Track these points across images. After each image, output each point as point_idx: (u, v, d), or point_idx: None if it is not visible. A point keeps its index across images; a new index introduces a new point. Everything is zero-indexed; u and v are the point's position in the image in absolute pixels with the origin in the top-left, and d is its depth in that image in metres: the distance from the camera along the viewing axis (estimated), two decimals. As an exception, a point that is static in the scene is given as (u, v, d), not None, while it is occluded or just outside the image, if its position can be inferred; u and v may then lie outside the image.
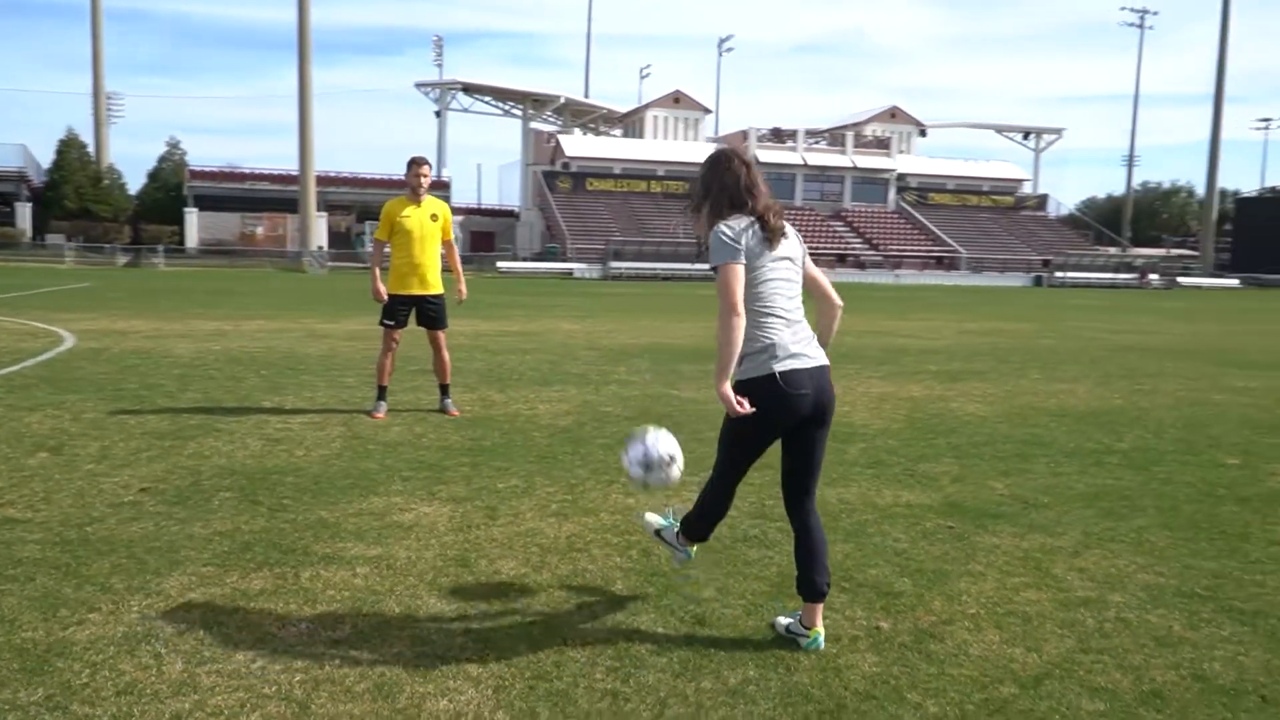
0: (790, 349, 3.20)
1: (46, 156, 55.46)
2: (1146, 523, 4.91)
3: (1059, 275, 54.65)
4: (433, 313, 7.43)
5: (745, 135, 61.19)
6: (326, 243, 50.45)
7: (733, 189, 3.28)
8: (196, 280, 33.14)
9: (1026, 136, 73.54)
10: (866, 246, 57.71)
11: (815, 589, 3.29)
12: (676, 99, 64.96)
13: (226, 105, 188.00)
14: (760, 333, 3.19)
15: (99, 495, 4.96)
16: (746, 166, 3.37)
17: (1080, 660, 3.25)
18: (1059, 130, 73.23)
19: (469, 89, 59.85)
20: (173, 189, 55.65)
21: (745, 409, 3.12)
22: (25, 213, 52.91)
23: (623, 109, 69.87)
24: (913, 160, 65.59)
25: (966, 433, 7.20)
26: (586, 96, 69.82)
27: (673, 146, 62.28)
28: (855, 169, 62.33)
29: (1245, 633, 3.51)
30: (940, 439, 6.95)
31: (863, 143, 63.49)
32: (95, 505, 4.78)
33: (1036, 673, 3.15)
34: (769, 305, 3.21)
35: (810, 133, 63.44)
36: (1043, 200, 69.02)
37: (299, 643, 3.26)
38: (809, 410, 3.22)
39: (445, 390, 7.60)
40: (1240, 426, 7.77)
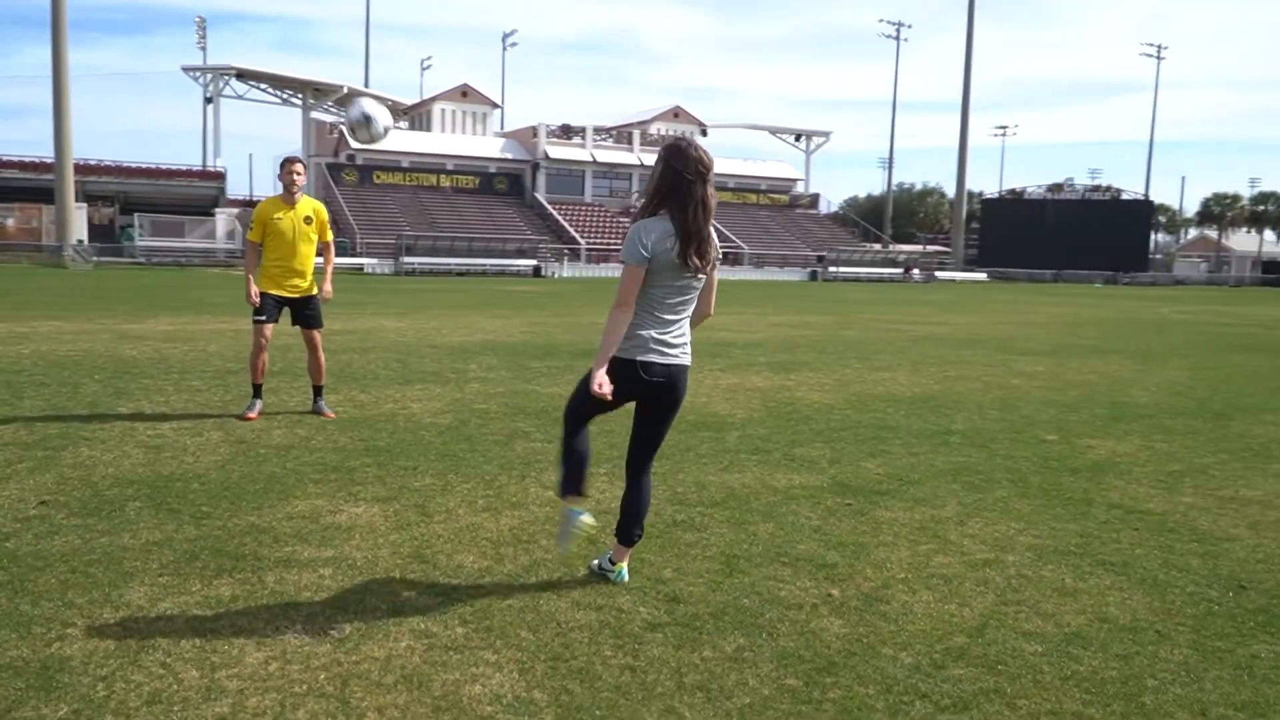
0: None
1: None
2: (1005, 493, 5.63)
3: (832, 270, 58.37)
4: (307, 313, 7.30)
5: (535, 131, 61.36)
6: (87, 235, 46.44)
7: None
8: (-61, 276, 29.73)
9: (798, 138, 77.69)
10: (656, 242, 59.29)
11: (630, 537, 3.93)
12: (464, 93, 64.25)
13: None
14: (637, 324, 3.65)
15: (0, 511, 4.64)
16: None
17: (1005, 611, 3.79)
18: (827, 133, 77.86)
19: (244, 75, 56.63)
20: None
21: (605, 390, 3.54)
22: None
23: (408, 101, 68.32)
24: (697, 159, 67.88)
25: (821, 420, 7.84)
26: (366, 86, 67.70)
27: (461, 140, 61.62)
28: (643, 166, 63.80)
29: (1122, 581, 4.19)
30: (802, 425, 7.54)
31: (649, 141, 65.12)
32: (-3, 522, 4.48)
33: (976, 624, 3.66)
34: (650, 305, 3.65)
35: (598, 130, 64.41)
36: (814, 199, 73.36)
37: (304, 643, 3.30)
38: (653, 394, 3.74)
39: (319, 392, 7.48)
40: (1044, 406, 8.86)
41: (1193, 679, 3.24)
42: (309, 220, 7.21)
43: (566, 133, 62.55)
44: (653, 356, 3.65)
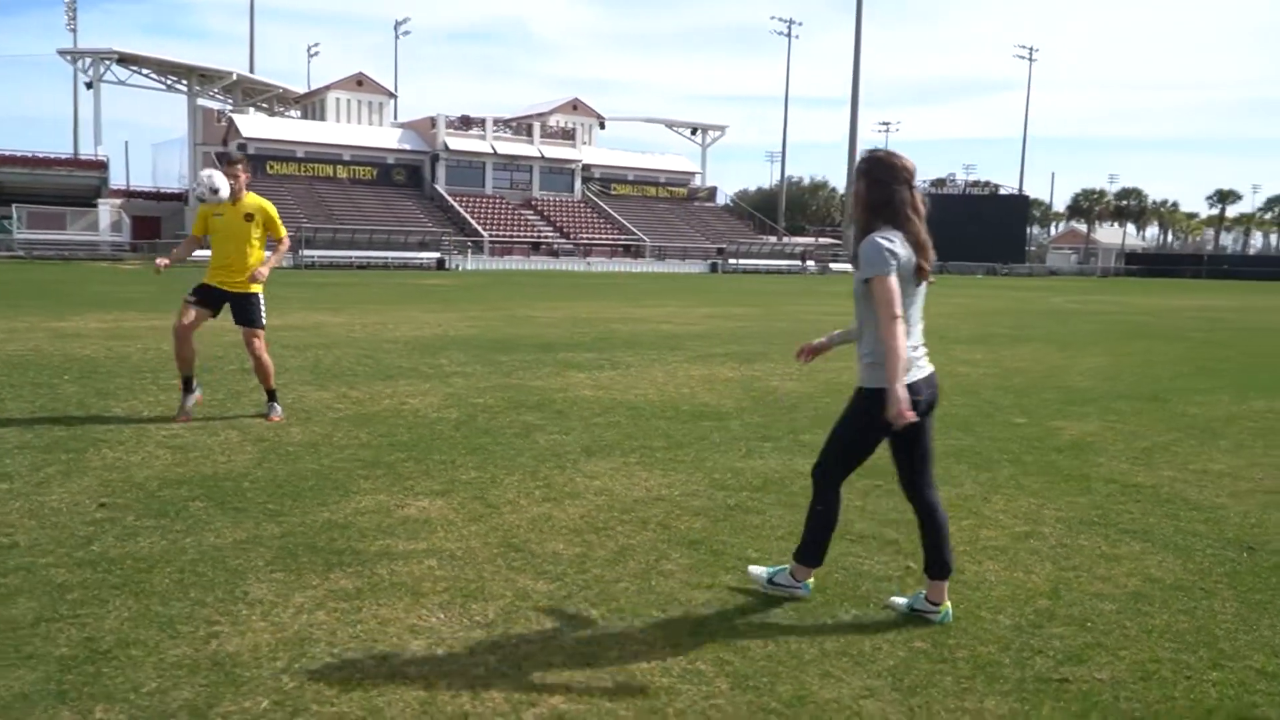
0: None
1: None
2: (1011, 472, 6.08)
3: (732, 262, 59.39)
4: (246, 307, 7.11)
5: (434, 122, 60.48)
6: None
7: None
8: None
9: (694, 132, 78.57)
10: (558, 235, 59.28)
11: (947, 568, 3.64)
12: (360, 81, 62.84)
13: None
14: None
15: (60, 514, 4.57)
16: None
17: (1067, 577, 4.18)
18: (723, 127, 79.00)
19: (126, 60, 54.05)
20: None
21: (911, 415, 3.33)
22: None
23: (299, 89, 66.42)
24: (596, 152, 68.14)
25: (808, 408, 8.20)
26: (251, 73, 65.49)
27: (358, 130, 60.27)
28: (543, 159, 63.68)
29: (1150, 547, 4.64)
30: (793, 413, 7.88)
31: (549, 133, 64.98)
32: (71, 525, 4.43)
33: (1048, 588, 4.03)
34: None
35: (497, 122, 63.87)
36: (712, 192, 74.43)
37: (455, 630, 3.43)
38: (923, 410, 3.57)
39: (272, 395, 7.21)
40: (1000, 392, 9.44)
41: (1250, 627, 3.67)
42: (249, 218, 7.07)
43: (466, 124, 61.82)
44: (914, 375, 3.53)
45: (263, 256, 7.16)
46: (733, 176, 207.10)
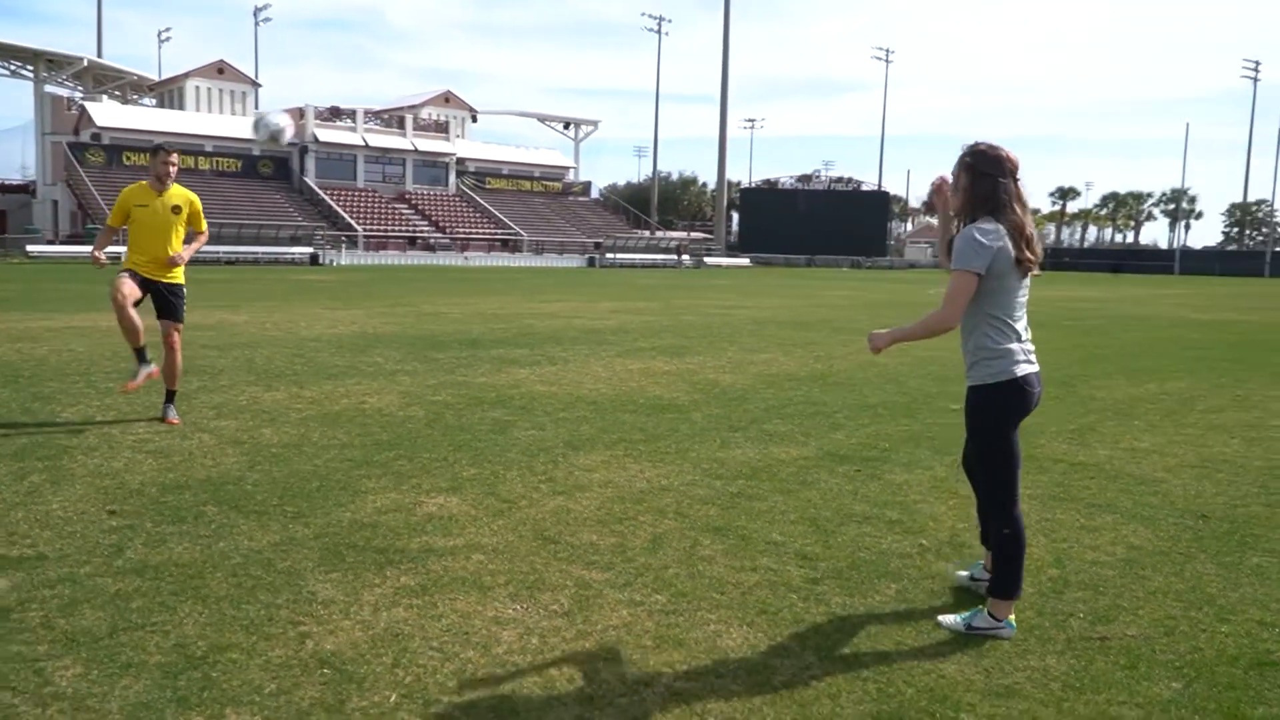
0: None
1: None
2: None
3: (610, 256, 59.72)
4: (171, 300, 6.87)
5: (302, 112, 58.50)
6: None
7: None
8: None
9: (567, 126, 78.59)
10: (433, 229, 58.36)
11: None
12: (220, 69, 60.29)
13: None
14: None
15: (72, 523, 4.43)
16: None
17: (1062, 548, 4.58)
18: (595, 122, 79.28)
19: (-40, 40, 50.23)
20: None
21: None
22: None
23: (153, 76, 63.18)
24: (470, 145, 67.39)
25: (756, 400, 8.51)
26: (100, 57, 61.97)
27: (220, 120, 57.80)
28: (416, 152, 62.53)
29: (1119, 518, 5.09)
30: (745, 405, 8.18)
31: (421, 126, 63.85)
32: (90, 534, 4.30)
33: (1052, 557, 4.41)
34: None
35: (368, 113, 62.32)
36: (586, 187, 74.63)
37: (538, 619, 3.54)
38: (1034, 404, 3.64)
39: (171, 397, 6.92)
40: (923, 381, 9.98)
41: (1234, 585, 4.13)
42: (177, 210, 6.85)
43: (335, 115, 60.10)
44: (1027, 369, 3.56)
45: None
46: (602, 171, 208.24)
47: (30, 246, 40.58)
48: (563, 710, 2.87)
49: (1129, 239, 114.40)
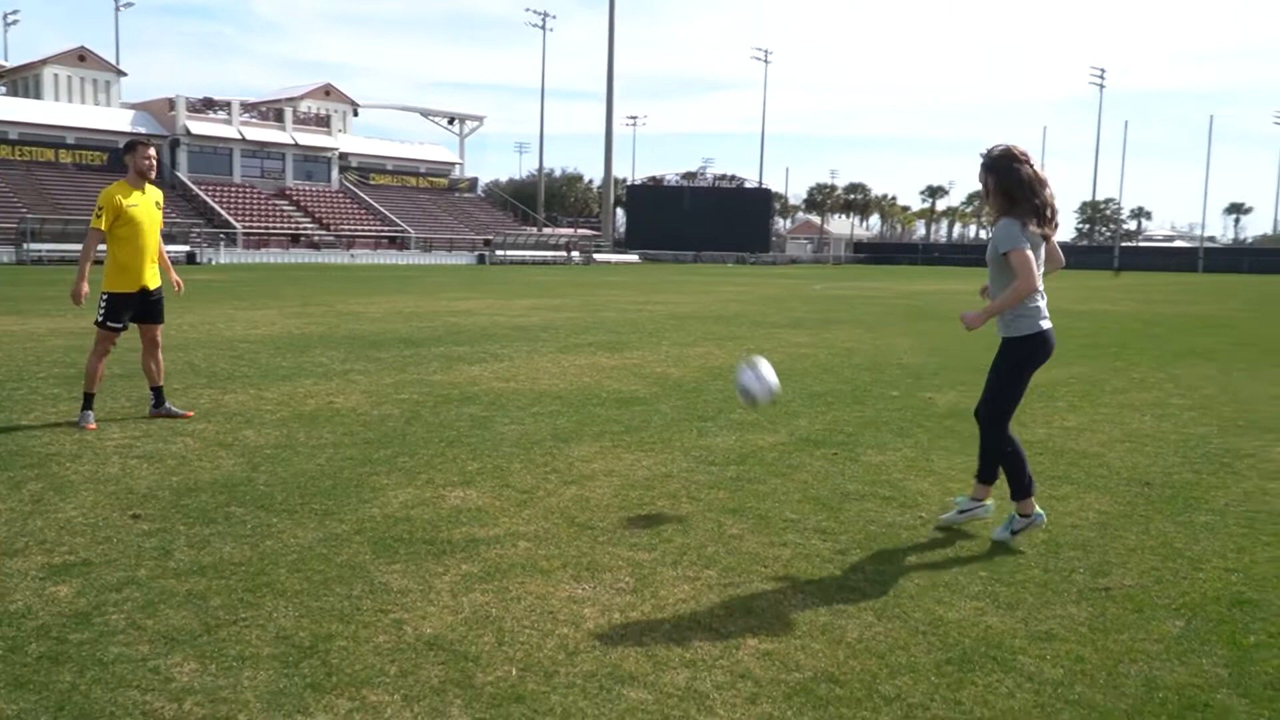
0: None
1: None
2: (927, 436, 7.00)
3: (500, 253, 59.41)
4: (157, 304, 6.98)
5: (172, 103, 56.22)
6: None
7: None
8: None
9: (451, 121, 77.72)
10: (317, 226, 56.92)
11: (1032, 485, 4.68)
12: (81, 56, 57.31)
13: None
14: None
15: (100, 528, 4.42)
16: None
17: (1062, 494, 5.06)
18: (481, 117, 78.69)
19: None
20: None
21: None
22: None
23: (4, 62, 59.53)
24: (352, 140, 65.95)
25: (710, 391, 8.86)
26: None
27: (82, 111, 55.01)
28: (296, 146, 60.84)
29: (1078, 489, 5.64)
30: (703, 396, 8.52)
31: (301, 119, 62.13)
32: (126, 539, 4.31)
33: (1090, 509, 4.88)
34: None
35: (245, 105, 60.29)
36: (473, 183, 74.02)
37: (611, 595, 3.78)
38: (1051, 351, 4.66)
39: (161, 393, 7.06)
40: (856, 370, 10.52)
41: (1194, 539, 4.67)
42: (159, 206, 6.92)
43: (209, 106, 57.92)
44: (1047, 324, 4.53)
45: None
46: (485, 167, 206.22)
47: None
48: (674, 674, 3.13)
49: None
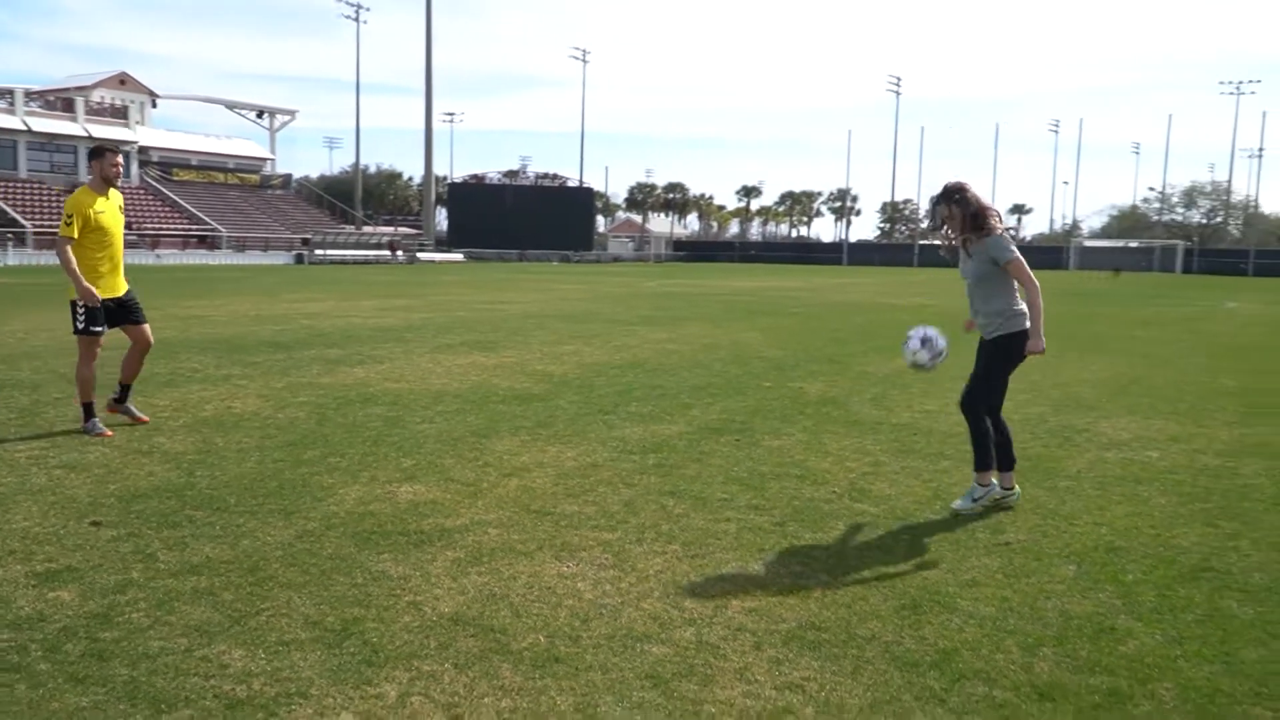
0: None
1: None
2: (813, 423, 7.68)
3: (319, 253, 57.47)
4: (136, 307, 7.03)
5: (-55, 91, 51.33)
6: None
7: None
8: None
9: (261, 115, 74.52)
10: (117, 225, 53.36)
11: (1014, 460, 5.34)
12: None
13: None
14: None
15: (66, 537, 4.41)
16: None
17: (955, 482, 5.78)
18: (293, 111, 75.82)
19: None
20: None
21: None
22: None
23: None
24: (153, 133, 62.17)
25: (602, 386, 9.27)
26: None
27: None
28: (90, 138, 56.59)
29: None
30: (594, 392, 8.92)
31: (94, 110, 58.07)
32: (96, 546, 4.32)
33: (959, 491, 5.58)
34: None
35: (30, 94, 55.76)
36: (286, 179, 71.25)
37: (635, 580, 4.15)
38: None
39: (128, 391, 7.09)
40: (723, 364, 11.18)
41: (1062, 501, 5.47)
42: (121, 209, 6.93)
43: (-12, 95, 53.23)
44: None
45: None
46: (296, 162, 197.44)
47: None
48: (680, 631, 3.55)
49: (802, 233, 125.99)
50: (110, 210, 6.74)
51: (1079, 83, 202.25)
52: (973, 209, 5.10)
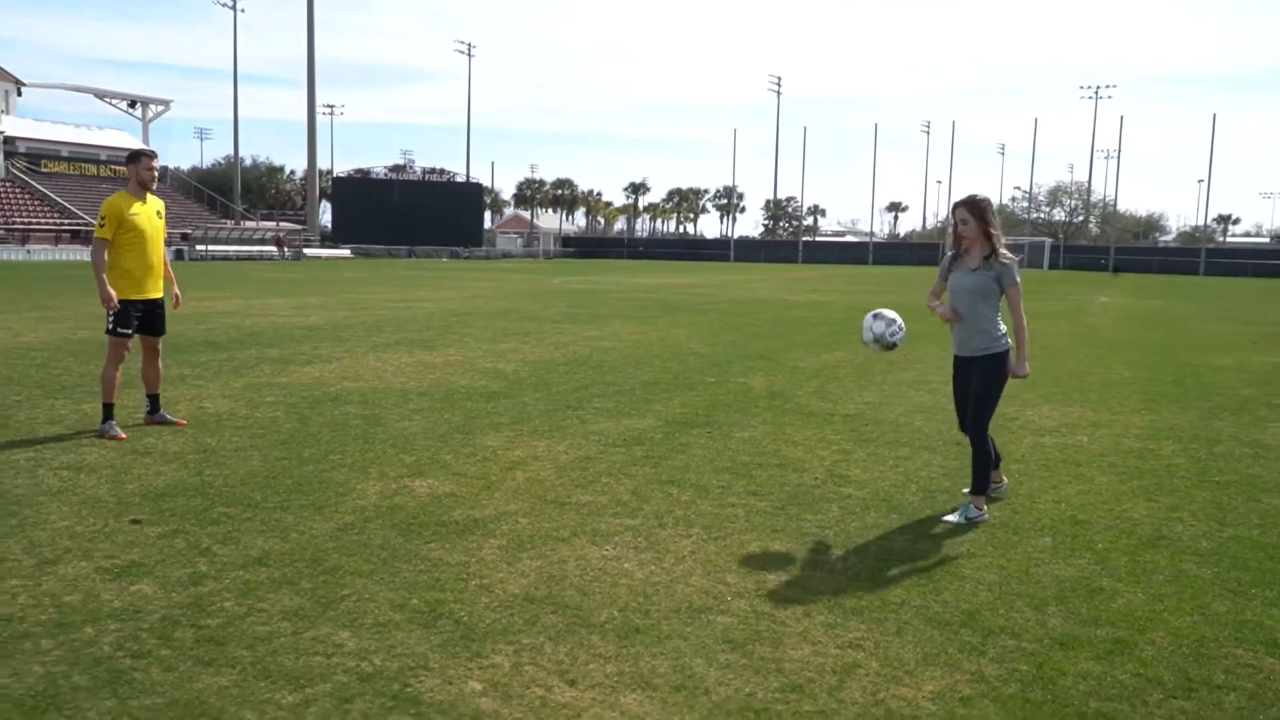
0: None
1: None
2: (772, 414, 8.17)
3: (200, 249, 55.50)
4: (160, 315, 7.11)
5: None
6: None
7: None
8: None
9: (133, 105, 71.37)
10: (-20, 218, 50.43)
11: (998, 457, 5.62)
12: None
13: None
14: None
15: (113, 535, 4.52)
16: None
17: (921, 473, 6.32)
18: (167, 101, 72.87)
19: None
20: None
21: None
22: None
23: None
24: (19, 123, 58.93)
25: (557, 384, 9.55)
26: None
27: None
28: (-53, 127, 53.44)
29: (919, 451, 7.00)
30: (552, 389, 9.21)
31: (-50, 97, 54.66)
32: (146, 543, 4.45)
33: (927, 475, 6.13)
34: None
35: (-122, 78, 52.11)
36: (163, 172, 68.13)
37: (676, 559, 4.51)
38: None
39: (157, 401, 7.18)
40: (663, 360, 11.59)
41: (1020, 483, 6.08)
42: (160, 215, 6.97)
43: None
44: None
45: None
46: (168, 155, 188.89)
47: None
48: (736, 602, 3.95)
49: (689, 230, 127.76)
50: (146, 214, 6.82)
51: (950, 84, 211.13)
52: (992, 228, 5.25)
